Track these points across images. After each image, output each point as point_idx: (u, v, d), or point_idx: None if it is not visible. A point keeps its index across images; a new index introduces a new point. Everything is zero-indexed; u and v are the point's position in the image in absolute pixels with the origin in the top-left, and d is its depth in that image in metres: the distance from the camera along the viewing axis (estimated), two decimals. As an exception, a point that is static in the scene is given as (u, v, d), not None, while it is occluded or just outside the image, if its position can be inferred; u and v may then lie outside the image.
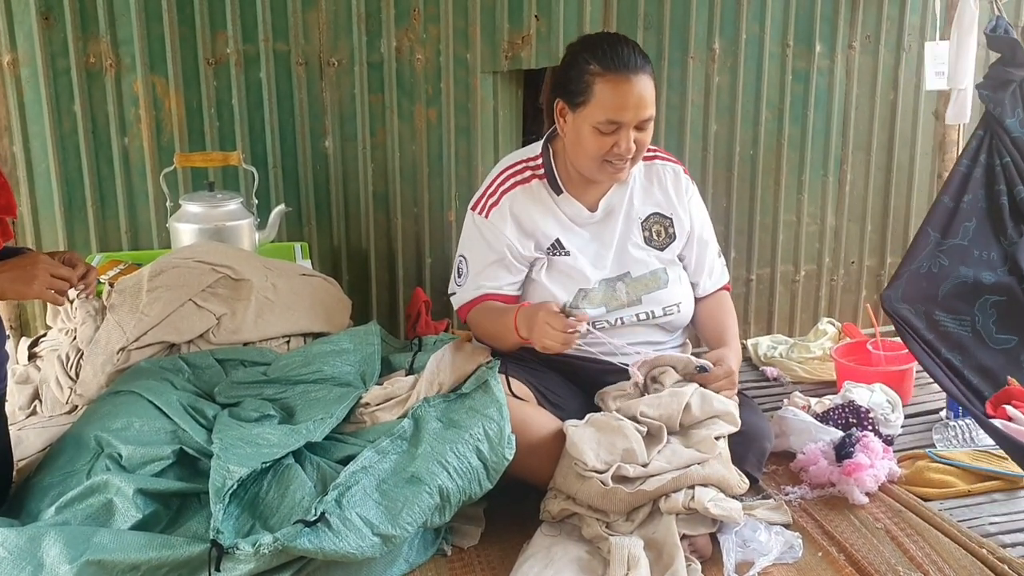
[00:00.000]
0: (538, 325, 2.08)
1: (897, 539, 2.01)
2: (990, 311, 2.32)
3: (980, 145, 2.46)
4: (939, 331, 2.27)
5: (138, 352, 2.25)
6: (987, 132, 2.47)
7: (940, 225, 2.37)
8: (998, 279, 2.34)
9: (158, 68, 2.85)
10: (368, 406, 2.04)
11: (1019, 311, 2.33)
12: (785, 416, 2.46)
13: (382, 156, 3.07)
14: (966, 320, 2.31)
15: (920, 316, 2.27)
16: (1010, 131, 2.45)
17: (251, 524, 1.74)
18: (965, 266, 2.34)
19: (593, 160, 2.20)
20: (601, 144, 2.17)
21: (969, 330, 2.30)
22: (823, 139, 3.42)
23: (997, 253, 2.39)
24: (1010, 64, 2.48)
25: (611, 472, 1.96)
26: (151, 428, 1.93)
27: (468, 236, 2.35)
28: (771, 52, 3.29)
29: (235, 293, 2.35)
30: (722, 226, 3.37)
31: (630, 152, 2.18)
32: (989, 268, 2.36)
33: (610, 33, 2.28)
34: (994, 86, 2.48)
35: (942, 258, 2.33)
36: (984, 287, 2.33)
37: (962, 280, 2.32)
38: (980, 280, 2.33)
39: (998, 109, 2.46)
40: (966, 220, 2.38)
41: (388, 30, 2.97)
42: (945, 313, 2.30)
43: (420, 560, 1.94)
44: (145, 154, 2.90)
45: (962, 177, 2.43)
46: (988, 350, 2.29)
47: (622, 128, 2.15)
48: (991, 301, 2.33)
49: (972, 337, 2.30)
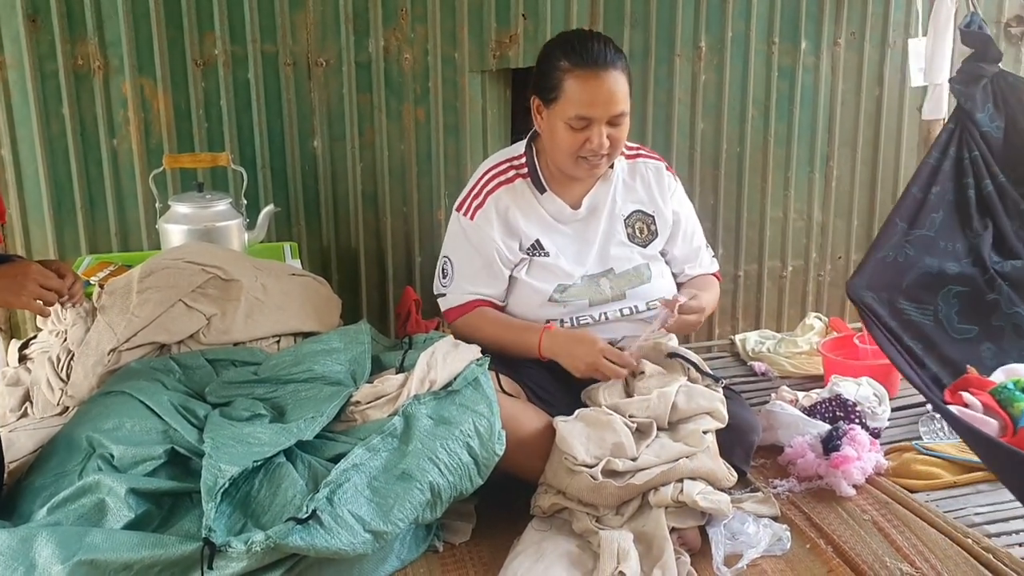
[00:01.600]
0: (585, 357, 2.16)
1: (884, 530, 2.03)
2: (953, 301, 2.35)
3: (950, 138, 2.49)
4: (902, 319, 2.29)
5: (129, 353, 2.25)
6: (957, 126, 2.50)
7: (908, 215, 2.39)
8: (962, 270, 2.38)
9: (146, 70, 2.85)
10: (359, 404, 2.05)
11: (981, 302, 2.36)
12: (773, 410, 2.47)
13: (371, 156, 3.08)
14: (929, 309, 2.33)
15: (884, 304, 2.28)
16: (980, 125, 2.49)
17: (243, 522, 1.74)
18: (930, 256, 2.37)
19: (568, 157, 2.22)
20: (574, 140, 2.19)
21: (931, 319, 2.33)
22: (809, 135, 3.44)
23: (962, 245, 2.42)
24: (982, 60, 2.52)
25: (601, 466, 1.97)
26: (142, 428, 1.93)
27: (453, 237, 2.36)
28: (757, 49, 3.30)
29: (225, 293, 2.36)
30: (709, 223, 3.38)
31: (603, 148, 2.19)
32: (954, 259, 2.39)
33: (584, 30, 2.30)
34: (966, 81, 2.52)
35: (908, 248, 2.35)
36: (948, 277, 2.36)
37: (927, 270, 2.35)
38: (944, 270, 2.36)
39: (969, 103, 2.49)
40: (933, 211, 2.41)
41: (376, 30, 2.98)
42: (909, 302, 2.32)
43: (412, 556, 1.95)
44: (134, 156, 2.90)
45: (931, 169, 2.46)
46: (949, 339, 2.32)
47: (593, 124, 2.17)
48: (954, 291, 2.36)
49: (934, 326, 2.33)
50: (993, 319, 2.35)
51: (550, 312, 2.32)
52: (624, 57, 2.22)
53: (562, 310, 2.31)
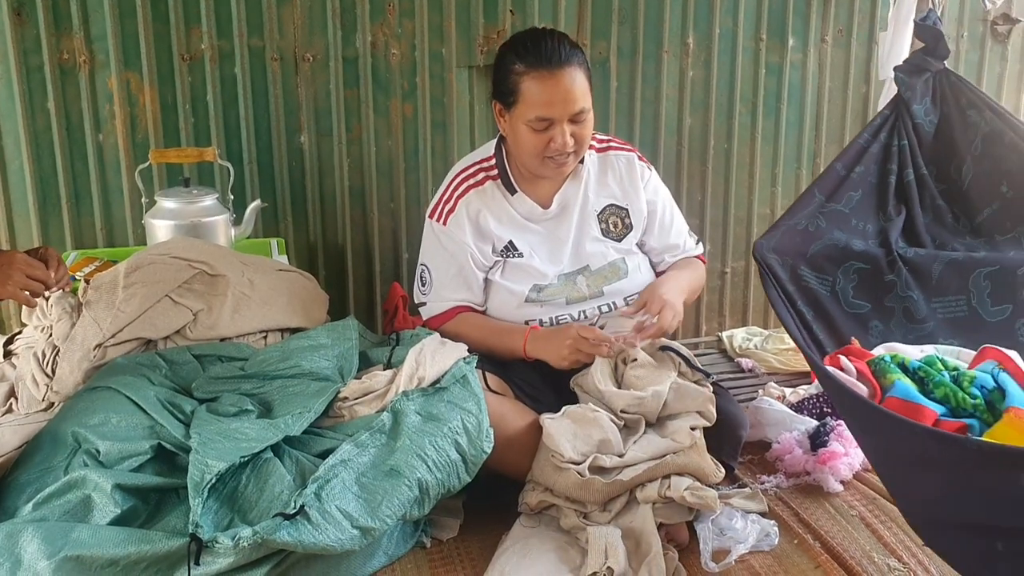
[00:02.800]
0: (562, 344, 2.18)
1: (871, 526, 2.04)
2: (852, 276, 2.41)
3: (884, 123, 2.56)
4: (800, 284, 2.35)
5: (115, 348, 2.23)
6: (893, 113, 2.56)
7: (827, 189, 2.45)
8: (867, 249, 2.43)
9: (132, 64, 2.84)
10: (346, 400, 2.04)
11: (878, 281, 2.42)
12: (760, 406, 2.48)
13: (358, 151, 3.07)
14: (827, 280, 2.39)
15: (785, 268, 2.34)
16: (914, 116, 2.55)
17: (230, 518, 1.74)
18: (840, 231, 2.42)
19: (534, 158, 2.22)
20: (537, 141, 2.18)
21: (828, 290, 2.39)
22: (796, 132, 3.45)
23: (873, 226, 2.48)
24: (931, 54, 2.57)
25: (588, 463, 1.97)
26: (129, 424, 1.92)
27: (428, 244, 2.36)
28: (744, 46, 3.31)
29: (212, 289, 2.34)
30: (697, 219, 3.39)
31: (567, 147, 2.19)
32: (862, 238, 2.45)
33: (536, 29, 2.28)
34: (910, 71, 2.58)
35: (821, 220, 2.41)
36: (852, 253, 2.42)
37: (834, 243, 2.40)
38: (850, 246, 2.42)
39: (908, 93, 2.55)
40: (852, 190, 2.47)
41: (363, 25, 2.97)
42: (810, 270, 2.38)
43: (399, 552, 1.94)
44: (120, 151, 2.88)
45: (859, 149, 2.52)
46: (841, 311, 2.39)
47: (555, 124, 2.16)
48: (855, 267, 2.41)
49: (830, 297, 2.39)
50: (886, 299, 2.42)
51: (528, 312, 2.31)
52: (580, 52, 2.20)
53: (540, 310, 2.31)
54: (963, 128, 2.54)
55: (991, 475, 1.44)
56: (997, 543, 1.48)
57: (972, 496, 1.48)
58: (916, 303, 2.40)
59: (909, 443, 1.57)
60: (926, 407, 1.90)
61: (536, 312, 2.32)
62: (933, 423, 1.87)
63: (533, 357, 2.25)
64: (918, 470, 1.59)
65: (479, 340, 2.29)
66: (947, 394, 1.93)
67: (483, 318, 2.36)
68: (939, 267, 2.42)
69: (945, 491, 1.54)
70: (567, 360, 2.20)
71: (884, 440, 1.65)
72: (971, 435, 1.84)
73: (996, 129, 2.48)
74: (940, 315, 2.40)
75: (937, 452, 1.51)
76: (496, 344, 2.30)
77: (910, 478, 1.64)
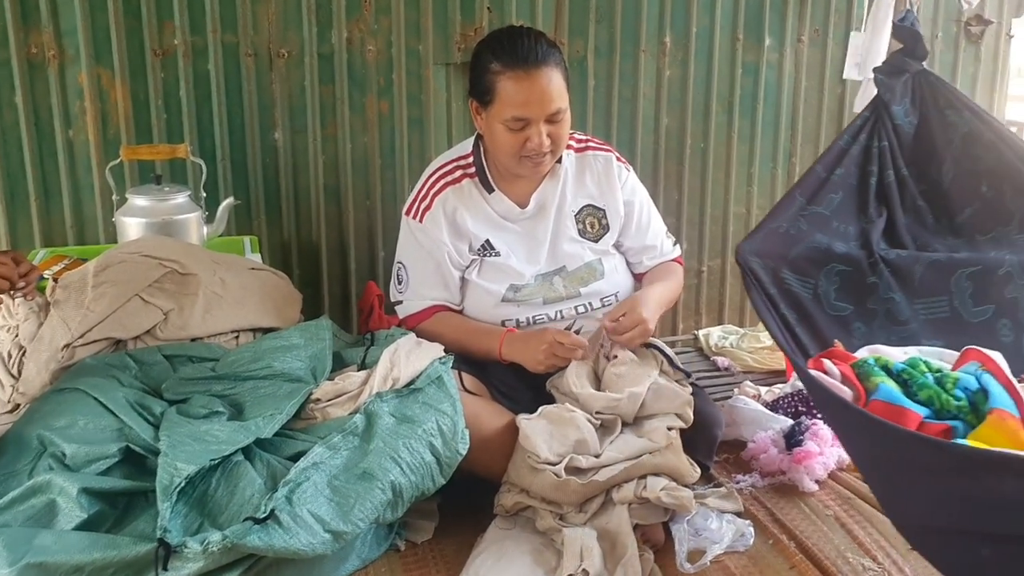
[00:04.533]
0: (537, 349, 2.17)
1: (846, 526, 2.04)
2: (834, 278, 2.41)
3: (864, 125, 2.56)
4: (782, 287, 2.35)
5: (83, 349, 2.20)
6: (873, 114, 2.56)
7: (808, 192, 2.45)
8: (849, 250, 2.44)
9: (103, 59, 2.80)
10: (319, 402, 2.02)
11: (861, 283, 2.43)
12: (736, 405, 2.48)
13: (333, 148, 3.05)
14: (810, 283, 2.39)
15: (768, 271, 2.34)
16: (894, 117, 2.55)
17: (199, 522, 1.71)
18: (822, 233, 2.42)
19: (510, 157, 2.20)
20: (514, 141, 2.17)
21: (811, 293, 2.39)
22: (772, 132, 3.45)
23: (854, 228, 2.48)
24: (910, 55, 2.58)
25: (564, 464, 1.96)
26: (96, 426, 1.89)
27: (405, 242, 2.35)
28: (721, 45, 3.32)
29: (182, 288, 2.31)
30: (674, 218, 3.39)
31: (543, 147, 2.18)
32: (843, 240, 2.45)
33: (513, 27, 2.26)
34: (890, 72, 2.58)
35: (802, 222, 2.41)
36: (834, 255, 2.42)
37: (815, 245, 2.41)
38: (832, 248, 2.42)
39: (888, 95, 2.55)
40: (833, 192, 2.47)
41: (339, 21, 2.95)
42: (792, 272, 2.38)
43: (373, 556, 1.93)
44: (91, 147, 2.84)
45: (839, 151, 2.52)
46: (824, 314, 2.39)
47: (531, 124, 2.15)
48: (836, 269, 2.42)
49: (812, 299, 2.39)
50: (869, 301, 2.42)
51: (505, 312, 2.30)
52: (558, 52, 2.19)
53: (516, 310, 2.30)
54: (942, 128, 2.54)
55: (976, 481, 1.44)
56: (983, 549, 1.48)
57: (957, 501, 1.48)
58: (898, 305, 2.41)
59: (894, 447, 1.57)
60: (910, 410, 1.90)
61: (513, 312, 2.30)
62: (917, 425, 1.88)
63: (508, 360, 2.24)
64: (904, 475, 1.59)
65: (455, 340, 2.28)
66: (931, 396, 1.94)
67: (460, 318, 2.34)
68: (921, 268, 2.43)
69: (930, 496, 1.54)
70: (542, 364, 2.19)
71: (869, 444, 1.65)
72: (956, 437, 1.85)
73: (975, 129, 2.49)
74: (923, 316, 2.41)
75: (922, 457, 1.51)
76: (472, 345, 2.28)
77: (896, 482, 1.64)
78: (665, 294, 2.38)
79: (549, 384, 2.22)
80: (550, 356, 2.17)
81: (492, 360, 2.26)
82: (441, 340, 2.25)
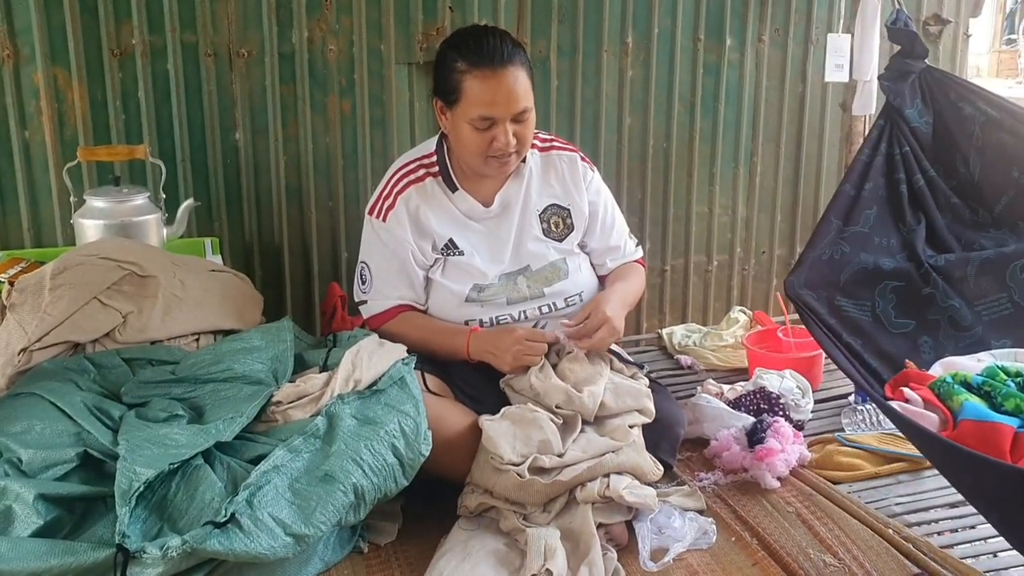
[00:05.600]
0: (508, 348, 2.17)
1: (808, 522, 2.06)
2: (889, 296, 2.37)
3: (881, 135, 2.52)
4: (840, 316, 2.30)
5: (41, 353, 2.17)
6: (888, 122, 2.53)
7: (842, 213, 2.41)
8: (897, 265, 2.40)
9: (60, 59, 2.75)
10: (280, 404, 2.00)
11: (917, 296, 2.39)
12: (699, 403, 2.50)
13: (295, 149, 3.02)
14: (866, 305, 2.35)
15: (822, 301, 2.30)
16: (909, 121, 2.52)
17: (159, 527, 1.69)
18: (866, 252, 2.38)
19: (476, 157, 2.21)
20: (480, 140, 2.17)
21: (869, 315, 2.34)
22: (734, 131, 3.48)
23: (896, 240, 2.44)
24: (909, 56, 2.55)
25: (527, 464, 1.96)
26: (53, 431, 1.86)
27: (368, 242, 2.34)
28: (683, 46, 3.33)
29: (141, 290, 2.29)
30: (637, 218, 3.40)
31: (510, 146, 2.18)
32: (888, 254, 2.41)
33: (478, 26, 2.27)
34: (894, 77, 2.55)
35: (844, 245, 2.37)
36: (884, 273, 2.38)
37: (863, 266, 2.36)
38: (880, 266, 2.38)
39: (898, 100, 2.53)
40: (867, 208, 2.43)
41: (300, 20, 2.92)
42: (846, 298, 2.33)
43: (336, 558, 1.92)
44: (47, 148, 2.80)
45: (863, 166, 2.48)
46: (888, 334, 2.34)
47: (498, 123, 2.15)
48: (890, 287, 2.38)
49: (872, 322, 2.34)
50: (929, 313, 2.38)
51: (468, 312, 2.30)
52: (523, 51, 2.20)
53: (480, 310, 2.30)
54: (959, 122, 2.50)
55: None
56: None
57: None
58: (959, 310, 2.36)
59: (998, 480, 1.52)
60: (1001, 424, 1.85)
61: (476, 312, 2.30)
62: (1012, 438, 1.82)
63: (477, 359, 2.23)
64: (1014, 506, 1.53)
65: (421, 340, 2.27)
66: (1018, 404, 1.89)
67: (425, 318, 2.34)
68: (972, 269, 2.38)
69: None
70: (510, 364, 2.19)
71: (971, 477, 1.61)
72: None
73: (992, 117, 2.44)
74: (986, 318, 2.36)
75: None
76: (438, 344, 2.28)
77: (1007, 513, 1.59)
78: (628, 292, 2.39)
79: (503, 383, 2.22)
80: (520, 355, 2.17)
81: (458, 360, 2.26)
82: (406, 340, 2.24)
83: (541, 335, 2.19)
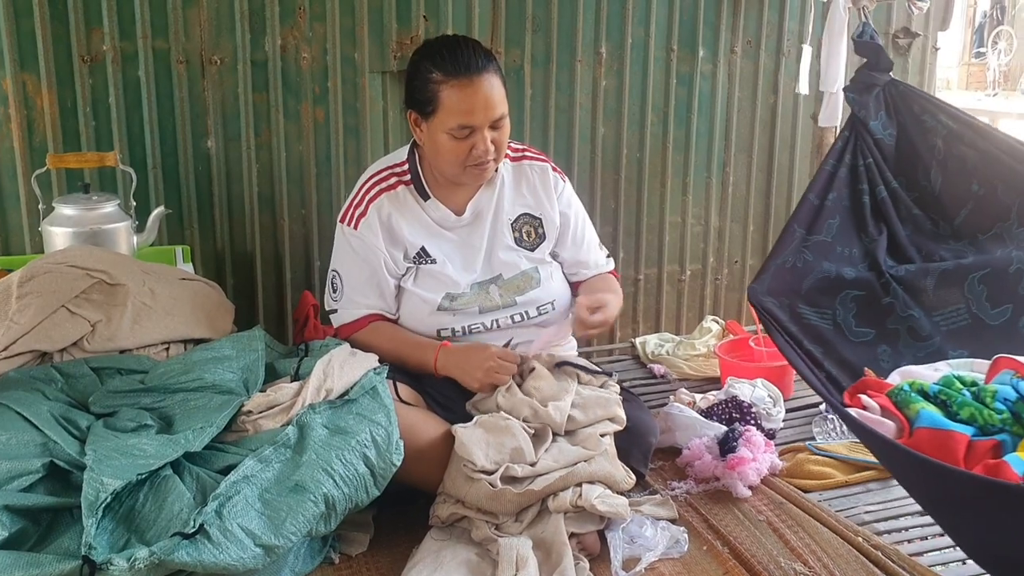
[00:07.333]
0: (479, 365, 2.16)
1: (779, 531, 2.07)
2: (850, 305, 2.40)
3: (845, 146, 2.54)
4: (802, 323, 2.33)
5: (7, 362, 2.14)
6: (852, 133, 2.55)
7: (806, 221, 2.43)
8: (858, 274, 2.42)
9: (29, 65, 2.73)
10: (251, 414, 1.98)
11: (877, 305, 2.41)
12: (671, 412, 2.50)
13: (267, 156, 3.01)
14: (827, 313, 2.37)
15: (784, 309, 2.32)
16: (873, 133, 2.55)
17: (126, 538, 1.67)
18: (828, 261, 2.41)
19: (455, 166, 2.21)
20: (459, 149, 2.17)
21: (830, 323, 2.37)
22: (706, 142, 3.50)
23: (858, 250, 2.47)
24: (875, 68, 2.58)
25: (500, 473, 1.96)
26: (19, 441, 1.83)
27: (340, 250, 2.33)
28: (656, 56, 3.35)
29: (110, 299, 2.26)
30: (610, 227, 3.41)
31: (489, 153, 2.19)
32: (850, 264, 2.43)
33: (449, 36, 2.28)
34: (860, 89, 2.58)
35: (807, 253, 2.39)
36: (845, 282, 2.40)
37: (825, 275, 2.38)
38: (842, 275, 2.40)
39: (863, 112, 2.55)
40: (830, 217, 2.45)
41: (273, 28, 2.91)
42: (808, 306, 2.36)
43: (306, 569, 1.91)
44: (16, 155, 2.77)
45: (828, 176, 2.50)
46: (848, 343, 2.36)
47: (476, 131, 2.16)
48: (851, 295, 2.40)
49: (833, 330, 2.36)
50: (888, 322, 2.40)
51: (440, 321, 2.29)
52: (494, 58, 2.21)
53: (452, 319, 2.30)
54: (922, 134, 2.53)
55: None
56: None
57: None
58: (918, 320, 2.38)
59: (952, 486, 1.54)
60: (956, 432, 1.87)
61: (448, 321, 2.30)
62: (966, 445, 1.85)
63: (443, 374, 2.23)
64: (967, 512, 1.55)
65: (391, 351, 2.26)
66: (973, 413, 1.91)
67: (396, 328, 2.33)
68: (932, 280, 2.41)
69: (996, 527, 1.51)
70: (480, 383, 2.18)
71: (925, 483, 1.64)
72: (1005, 451, 1.82)
73: (954, 131, 2.47)
74: (944, 328, 2.38)
75: (978, 493, 1.49)
76: (407, 357, 2.27)
77: (958, 516, 1.61)
78: (616, 305, 2.38)
79: (470, 405, 2.21)
80: (490, 375, 2.17)
81: (427, 373, 2.25)
82: (376, 351, 2.23)
83: (513, 355, 2.19)
